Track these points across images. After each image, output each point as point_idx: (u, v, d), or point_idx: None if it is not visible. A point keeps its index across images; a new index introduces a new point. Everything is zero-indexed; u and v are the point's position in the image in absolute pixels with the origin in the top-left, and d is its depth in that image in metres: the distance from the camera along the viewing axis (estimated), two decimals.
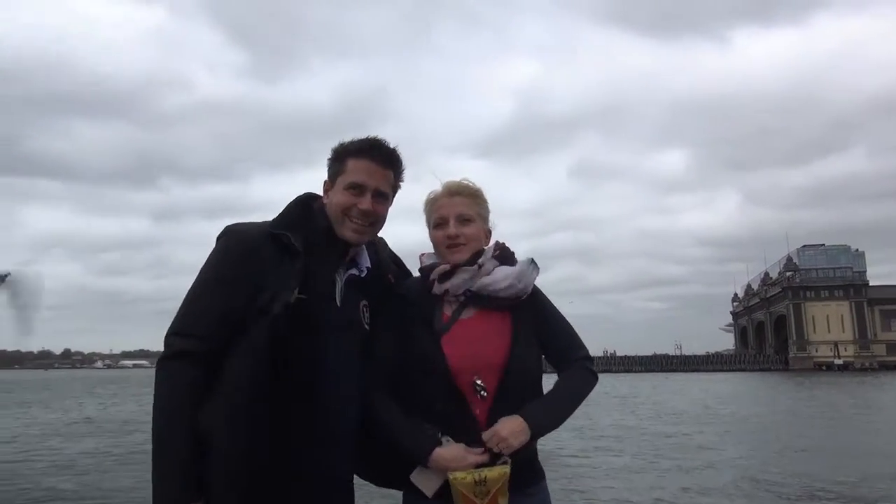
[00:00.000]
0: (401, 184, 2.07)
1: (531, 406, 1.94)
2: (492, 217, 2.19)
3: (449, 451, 1.87)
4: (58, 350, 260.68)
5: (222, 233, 1.91)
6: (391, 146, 2.00)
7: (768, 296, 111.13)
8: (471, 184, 2.14)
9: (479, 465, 1.85)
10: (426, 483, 1.90)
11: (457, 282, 2.04)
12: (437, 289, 2.06)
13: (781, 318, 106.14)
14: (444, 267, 2.06)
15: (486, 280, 2.04)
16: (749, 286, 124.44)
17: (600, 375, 2.16)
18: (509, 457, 1.87)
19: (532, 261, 2.10)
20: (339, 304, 1.95)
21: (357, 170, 1.95)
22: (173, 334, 1.78)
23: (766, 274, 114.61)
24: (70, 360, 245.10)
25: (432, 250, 2.17)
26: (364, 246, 2.06)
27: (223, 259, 1.85)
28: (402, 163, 2.04)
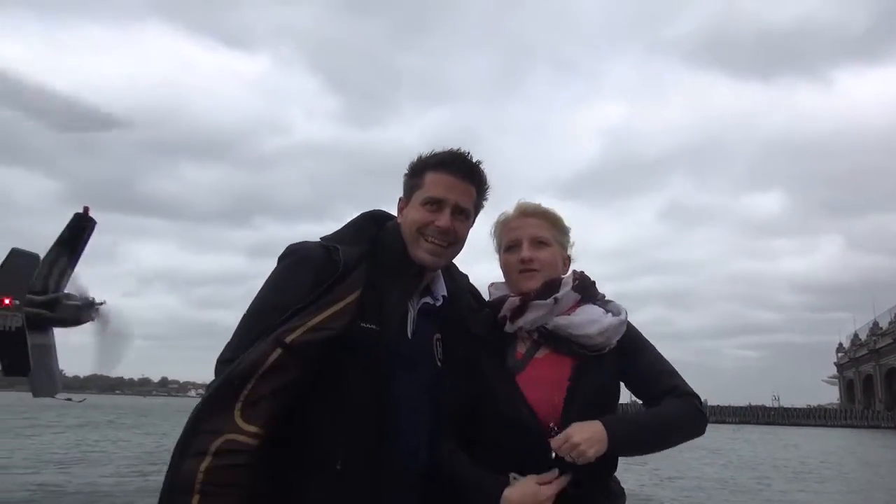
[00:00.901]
0: (484, 202, 1.90)
1: (612, 416, 1.71)
2: (574, 250, 1.99)
3: (518, 489, 1.65)
4: (156, 378, 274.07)
5: (284, 253, 1.77)
6: (474, 160, 1.83)
7: (878, 347, 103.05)
8: (548, 208, 1.95)
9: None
10: None
11: (530, 318, 1.83)
12: (510, 327, 1.86)
13: (893, 371, 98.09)
14: (514, 301, 1.85)
15: (562, 321, 1.82)
16: (856, 336, 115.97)
17: None
18: None
19: (626, 314, 1.87)
20: (409, 335, 1.79)
21: (436, 184, 1.80)
22: (222, 361, 1.62)
23: (875, 323, 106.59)
24: (167, 388, 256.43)
25: (502, 279, 1.97)
26: (441, 272, 1.91)
27: (284, 281, 1.71)
28: (485, 179, 1.87)
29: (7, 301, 16.78)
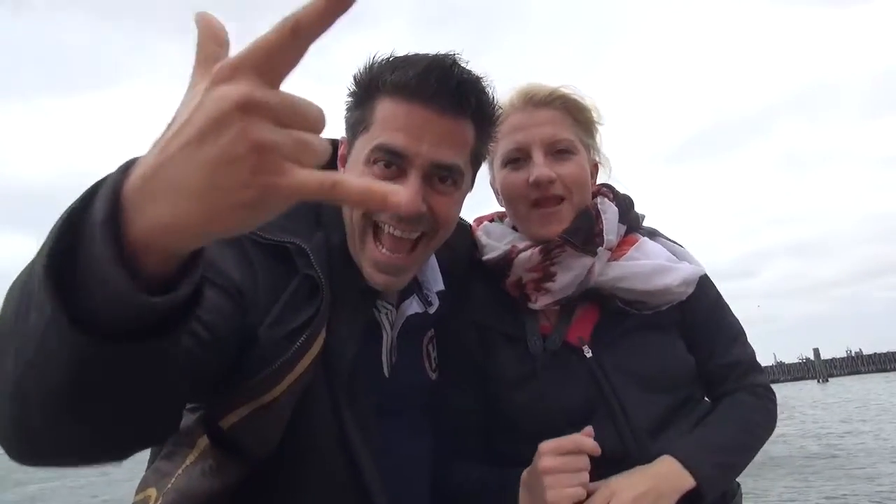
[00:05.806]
0: (489, 147, 1.17)
1: (684, 441, 1.21)
2: (603, 154, 1.36)
3: (549, 446, 1.12)
4: None
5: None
6: (465, 72, 1.05)
7: None
8: (568, 90, 1.28)
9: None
10: None
11: (565, 281, 1.24)
12: (535, 305, 1.28)
13: None
14: (532, 259, 1.23)
15: (618, 272, 1.23)
16: None
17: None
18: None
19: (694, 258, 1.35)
20: (387, 372, 1.18)
21: (392, 121, 1.04)
22: None
23: None
24: None
25: (497, 210, 1.40)
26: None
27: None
28: (490, 104, 1.10)
29: None
